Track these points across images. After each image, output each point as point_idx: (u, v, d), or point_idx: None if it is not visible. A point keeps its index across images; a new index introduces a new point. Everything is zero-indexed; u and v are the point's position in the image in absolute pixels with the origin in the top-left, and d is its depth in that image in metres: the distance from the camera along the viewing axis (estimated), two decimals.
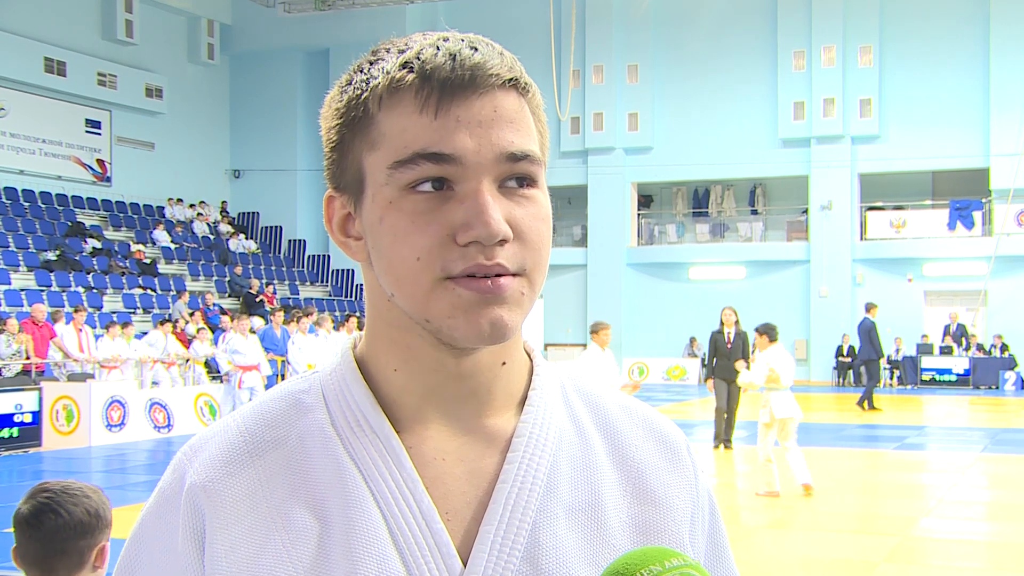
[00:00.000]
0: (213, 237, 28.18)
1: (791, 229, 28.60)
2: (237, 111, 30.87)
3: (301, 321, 16.68)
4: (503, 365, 0.97)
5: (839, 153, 27.06)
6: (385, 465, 0.93)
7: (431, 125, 0.88)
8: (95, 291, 21.59)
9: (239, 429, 0.97)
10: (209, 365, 18.21)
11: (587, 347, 10.10)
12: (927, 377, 25.46)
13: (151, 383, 17.05)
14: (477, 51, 0.90)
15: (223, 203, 30.38)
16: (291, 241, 30.53)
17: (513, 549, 0.92)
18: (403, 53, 0.91)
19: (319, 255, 30.19)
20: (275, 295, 25.66)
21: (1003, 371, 25.03)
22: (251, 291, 24.44)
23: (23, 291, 19.92)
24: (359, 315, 21.95)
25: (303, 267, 30.05)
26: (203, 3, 29.11)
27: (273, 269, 28.30)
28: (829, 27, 27.02)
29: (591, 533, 0.95)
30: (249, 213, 30.69)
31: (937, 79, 26.33)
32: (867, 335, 18.43)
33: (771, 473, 9.68)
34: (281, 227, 30.57)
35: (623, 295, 28.85)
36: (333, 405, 0.97)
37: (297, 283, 28.81)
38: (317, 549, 0.91)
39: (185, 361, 18.03)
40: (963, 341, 25.79)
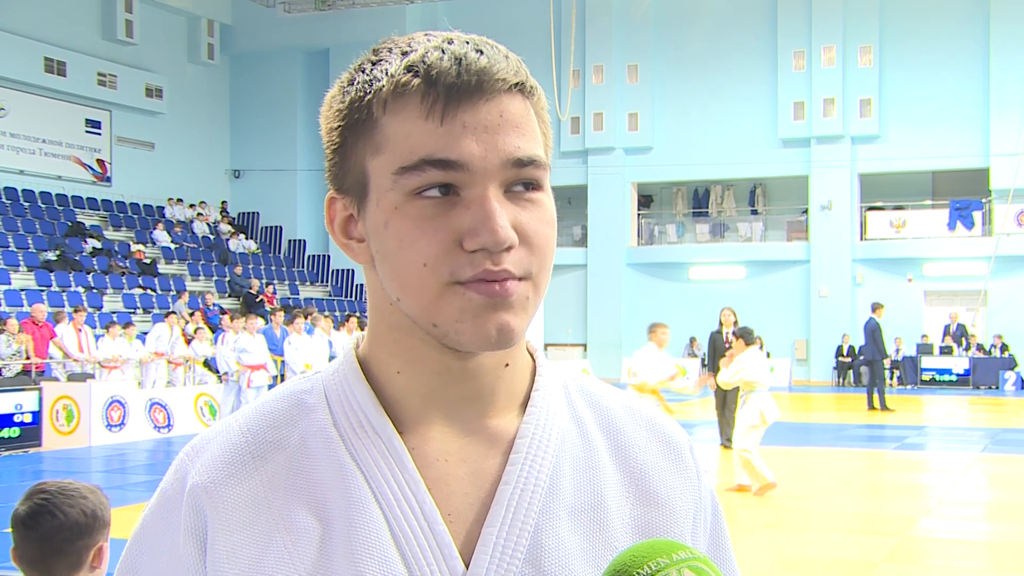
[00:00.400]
0: (213, 237, 28.19)
1: (791, 229, 28.60)
2: (237, 111, 30.87)
3: (296, 322, 16.70)
4: (506, 367, 0.97)
5: (839, 153, 27.06)
6: (387, 466, 0.93)
7: (437, 131, 0.87)
8: (95, 291, 21.60)
9: (241, 430, 0.97)
10: (209, 365, 18.21)
11: (645, 346, 10.15)
12: (927, 377, 25.47)
13: (154, 383, 17.04)
14: (483, 54, 0.89)
15: (223, 203, 30.39)
16: (291, 241, 30.53)
17: (515, 551, 0.91)
18: (407, 55, 0.90)
19: (319, 255, 30.19)
20: (275, 295, 25.66)
21: (1003, 371, 25.03)
22: (251, 291, 24.44)
23: (23, 291, 19.93)
24: (359, 315, 21.95)
25: (303, 267, 30.05)
26: (203, 3, 29.11)
27: (273, 269, 28.30)
28: (829, 27, 27.03)
29: (594, 534, 0.95)
30: (249, 213, 30.69)
31: (937, 79, 26.33)
32: (871, 335, 18.42)
33: (758, 467, 9.67)
34: (281, 227, 30.57)
35: (623, 295, 28.85)
36: (335, 406, 0.96)
37: (297, 283, 28.81)
38: (319, 550, 0.90)
39: (185, 361, 18.04)
40: (963, 341, 25.79)
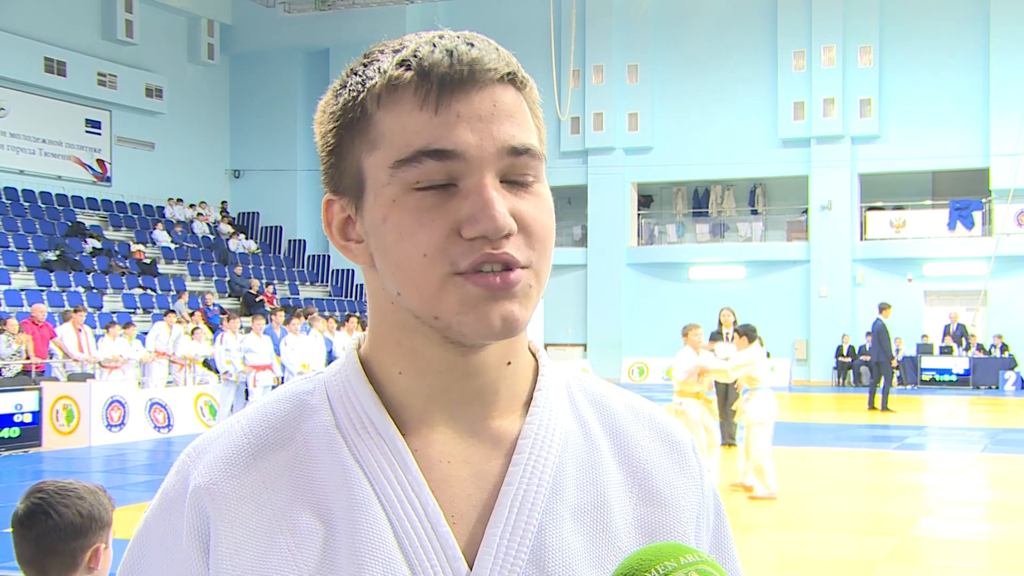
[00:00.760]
0: (213, 237, 28.18)
1: (791, 229, 28.61)
2: (237, 111, 30.87)
3: (292, 322, 16.72)
4: (508, 365, 0.96)
5: (839, 153, 27.06)
6: (390, 467, 0.92)
7: (432, 121, 0.87)
8: (95, 291, 21.59)
9: (244, 431, 0.97)
10: (209, 364, 18.21)
11: (681, 350, 10.12)
12: (927, 377, 25.46)
13: (162, 383, 17.04)
14: (474, 47, 0.90)
15: (223, 203, 30.39)
16: (291, 241, 30.53)
17: (519, 552, 0.91)
18: (398, 52, 0.90)
19: (319, 255, 30.19)
20: (275, 295, 25.66)
21: (1003, 371, 25.03)
22: (251, 291, 24.44)
23: (23, 291, 19.92)
24: (359, 315, 21.94)
25: (303, 267, 30.05)
26: (203, 3, 29.11)
27: (273, 269, 28.30)
28: (829, 27, 27.03)
29: (597, 535, 0.95)
30: (249, 213, 30.69)
31: (937, 79, 26.33)
32: (877, 336, 18.42)
33: (768, 473, 9.64)
34: (281, 227, 30.57)
35: (623, 295, 28.85)
36: (338, 407, 0.96)
37: (297, 283, 28.81)
38: (322, 552, 0.90)
39: (185, 361, 18.03)
40: (963, 341, 25.78)
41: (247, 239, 29.45)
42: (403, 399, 0.95)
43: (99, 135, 26.71)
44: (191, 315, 20.74)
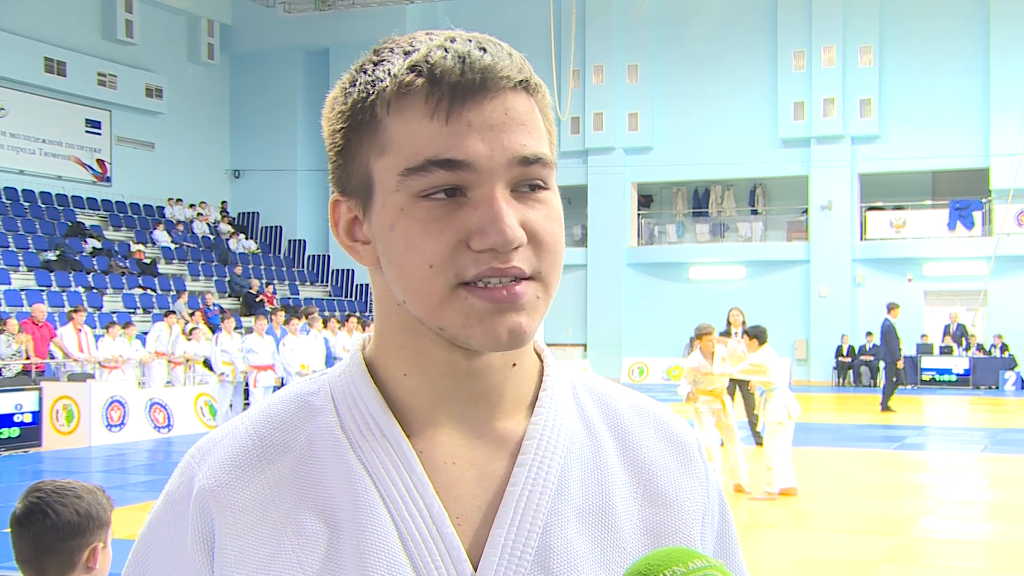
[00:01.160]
0: (213, 237, 28.18)
1: (791, 229, 28.60)
2: (237, 111, 30.87)
3: (292, 322, 16.73)
4: (513, 367, 0.96)
5: (839, 153, 27.06)
6: (395, 469, 0.92)
7: (442, 131, 0.86)
8: (95, 291, 21.59)
9: (248, 432, 0.97)
10: (209, 364, 18.21)
11: (692, 354, 10.15)
12: (927, 377, 25.44)
13: (162, 383, 17.03)
14: (486, 52, 0.88)
15: (223, 203, 30.39)
16: (291, 241, 30.53)
17: (524, 553, 0.91)
18: (409, 55, 0.89)
19: (319, 255, 30.19)
20: (275, 295, 25.67)
21: (1003, 371, 25.03)
22: (251, 291, 24.44)
23: (23, 291, 19.92)
24: (359, 315, 21.94)
25: (303, 267, 30.05)
26: (203, 3, 29.11)
27: (273, 269, 28.30)
28: (829, 27, 27.03)
29: (602, 536, 0.95)
30: (249, 213, 30.69)
31: (937, 79, 26.33)
32: (884, 336, 18.39)
33: (776, 470, 9.65)
34: (281, 227, 30.57)
35: (623, 295, 28.85)
36: (343, 408, 0.96)
37: (297, 283, 28.81)
38: (327, 554, 0.90)
39: (185, 361, 18.03)
40: (963, 341, 25.78)
41: (247, 239, 29.45)
42: (408, 401, 0.95)
43: (99, 135, 26.71)
44: (191, 315, 20.74)
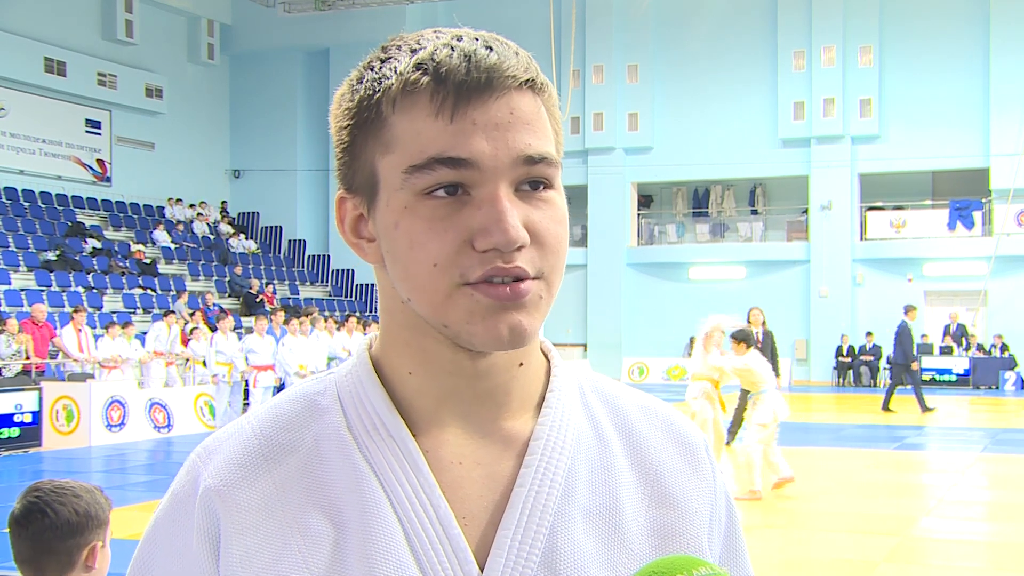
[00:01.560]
0: (213, 237, 28.19)
1: (791, 229, 28.61)
2: (237, 111, 30.87)
3: (292, 322, 16.74)
4: (520, 366, 0.96)
5: (839, 153, 27.06)
6: (402, 469, 0.92)
7: (447, 129, 0.86)
8: (95, 291, 21.59)
9: (254, 432, 0.97)
10: (207, 364, 18.21)
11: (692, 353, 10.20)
12: (927, 377, 25.37)
13: (161, 383, 17.02)
14: (492, 51, 0.88)
15: (223, 203, 30.39)
16: (291, 241, 30.53)
17: (531, 553, 0.91)
18: (416, 52, 0.89)
19: (319, 255, 30.19)
20: (275, 295, 25.67)
21: (1003, 371, 25.03)
22: (251, 291, 24.45)
23: (23, 291, 19.92)
24: (359, 315, 21.95)
25: (303, 267, 30.06)
26: (203, 3, 29.11)
27: (273, 269, 28.30)
28: (829, 27, 27.03)
29: (609, 537, 0.94)
30: (249, 213, 30.69)
31: (937, 79, 26.33)
32: (898, 338, 18.37)
33: (755, 468, 9.68)
34: (281, 227, 30.57)
35: (623, 295, 28.85)
36: (349, 408, 0.96)
37: (297, 283, 28.81)
38: (333, 554, 0.90)
39: (185, 361, 18.03)
40: (963, 341, 25.78)
41: (247, 239, 29.45)
42: (414, 400, 0.95)
43: (99, 135, 26.71)
44: (191, 315, 20.74)
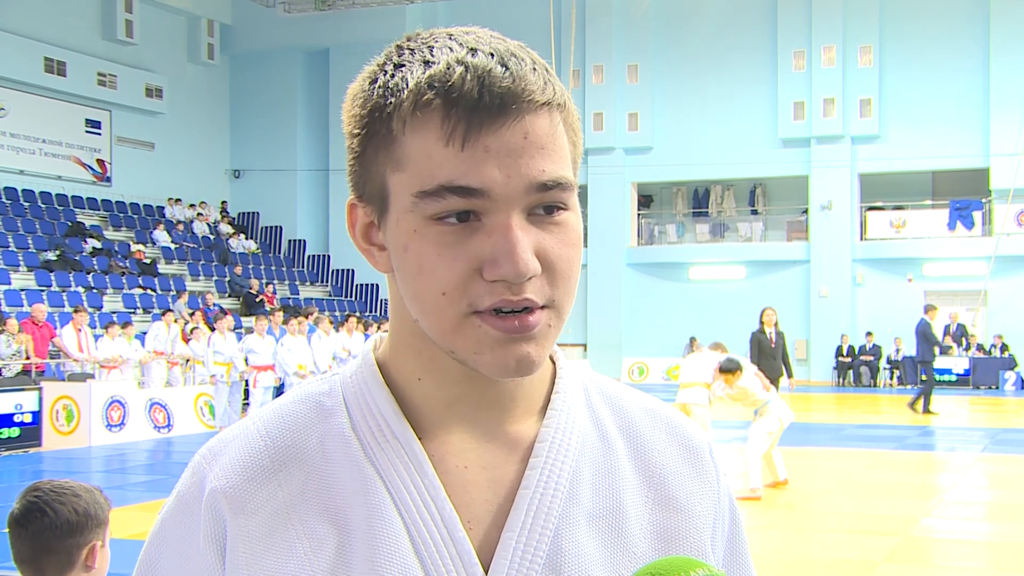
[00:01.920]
0: (213, 237, 28.19)
1: (791, 229, 28.61)
2: (237, 111, 30.87)
3: (291, 322, 16.74)
4: None
5: (839, 153, 27.07)
6: (407, 472, 0.92)
7: (458, 156, 0.84)
8: (95, 291, 21.59)
9: (260, 433, 0.96)
10: (205, 364, 18.20)
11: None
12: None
13: (161, 383, 17.02)
14: (508, 70, 0.85)
15: (223, 203, 30.39)
16: (291, 241, 30.54)
17: (535, 557, 0.91)
18: (429, 66, 0.86)
19: (319, 255, 30.19)
20: (275, 295, 25.67)
21: (1003, 371, 25.03)
22: (251, 291, 24.45)
23: (23, 291, 19.92)
24: (359, 315, 21.94)
25: (303, 267, 30.06)
26: (203, 3, 29.11)
27: (273, 269, 28.30)
28: (829, 27, 27.03)
29: (613, 540, 0.94)
30: (249, 213, 30.69)
31: (937, 79, 26.33)
32: (922, 336, 18.36)
33: (751, 472, 9.72)
34: (281, 227, 30.57)
35: (623, 295, 28.85)
36: (355, 410, 0.96)
37: (297, 283, 28.82)
38: (338, 557, 0.90)
39: (185, 361, 18.03)
40: (963, 341, 25.79)
41: (247, 239, 29.46)
42: (421, 404, 0.95)
43: (99, 135, 26.71)
44: (191, 315, 20.74)
